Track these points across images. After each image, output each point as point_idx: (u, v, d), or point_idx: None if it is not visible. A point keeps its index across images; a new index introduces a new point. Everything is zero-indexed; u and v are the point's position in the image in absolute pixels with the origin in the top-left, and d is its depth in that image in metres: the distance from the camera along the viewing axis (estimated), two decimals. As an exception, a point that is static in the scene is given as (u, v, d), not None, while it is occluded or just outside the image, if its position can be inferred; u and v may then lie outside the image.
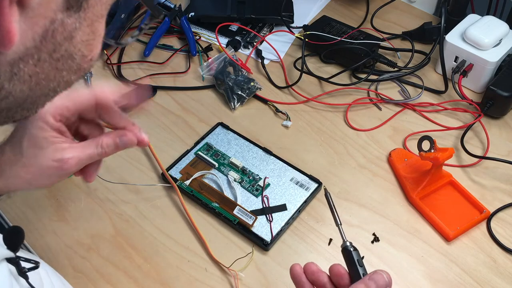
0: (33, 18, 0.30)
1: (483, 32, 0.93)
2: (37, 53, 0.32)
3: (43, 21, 0.31)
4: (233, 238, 0.77)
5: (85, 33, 0.35)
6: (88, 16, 0.34)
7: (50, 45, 0.33)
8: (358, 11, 1.13)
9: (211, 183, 0.82)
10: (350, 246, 0.57)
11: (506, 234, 0.78)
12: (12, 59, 0.31)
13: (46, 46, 0.33)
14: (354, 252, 0.56)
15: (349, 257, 0.56)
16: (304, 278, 0.56)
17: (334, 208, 0.59)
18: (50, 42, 0.33)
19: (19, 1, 0.29)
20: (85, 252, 0.74)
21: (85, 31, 0.34)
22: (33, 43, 0.32)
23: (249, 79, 0.96)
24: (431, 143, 0.79)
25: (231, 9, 1.09)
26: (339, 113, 0.94)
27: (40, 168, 0.57)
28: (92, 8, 0.34)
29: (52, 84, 0.35)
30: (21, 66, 0.32)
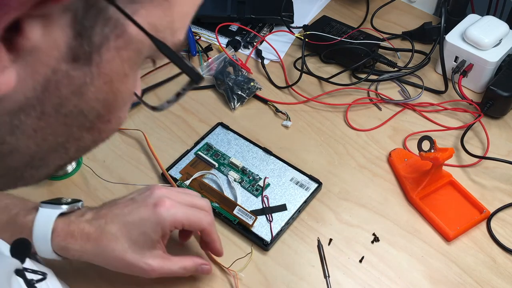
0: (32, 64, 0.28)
1: (483, 32, 0.93)
2: (40, 105, 0.30)
3: (43, 69, 0.28)
4: (233, 238, 0.77)
5: (100, 91, 0.31)
6: (104, 72, 0.31)
7: (55, 98, 0.30)
8: (358, 11, 1.13)
9: (211, 183, 0.82)
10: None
11: (506, 234, 0.78)
12: (12, 109, 0.29)
13: (49, 98, 0.30)
14: None
15: None
16: None
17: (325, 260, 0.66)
18: (54, 95, 0.30)
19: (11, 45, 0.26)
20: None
21: (100, 88, 0.31)
22: (33, 93, 0.29)
23: (249, 79, 0.96)
24: (431, 143, 0.79)
25: (231, 9, 1.09)
26: (339, 113, 0.94)
27: (129, 262, 0.63)
28: (108, 64, 0.30)
29: (60, 139, 0.32)
30: (22, 118, 0.30)
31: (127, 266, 0.64)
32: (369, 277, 0.73)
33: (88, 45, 0.29)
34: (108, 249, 0.63)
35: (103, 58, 0.30)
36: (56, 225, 0.62)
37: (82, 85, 0.30)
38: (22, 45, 0.27)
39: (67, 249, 0.62)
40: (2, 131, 0.30)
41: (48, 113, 0.30)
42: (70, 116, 0.31)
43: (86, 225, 0.63)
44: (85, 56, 0.29)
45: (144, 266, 0.63)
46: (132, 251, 0.63)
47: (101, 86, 0.31)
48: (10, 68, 0.27)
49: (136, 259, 0.63)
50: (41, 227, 0.62)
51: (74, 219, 0.63)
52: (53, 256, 0.62)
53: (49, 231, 0.62)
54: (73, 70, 0.29)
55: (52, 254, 0.62)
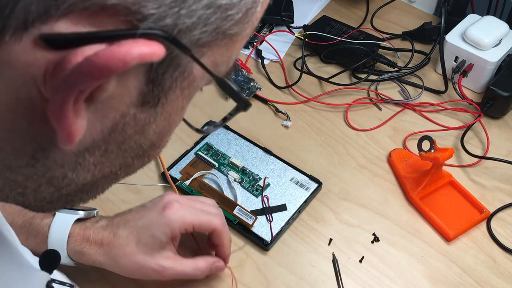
0: (103, 111, 0.28)
1: (483, 32, 0.93)
2: (105, 144, 0.31)
3: (113, 115, 0.29)
4: (233, 238, 0.76)
5: (159, 126, 0.33)
6: (167, 110, 0.32)
7: (120, 138, 0.31)
8: (358, 11, 1.13)
9: (211, 183, 0.82)
10: None
11: (506, 234, 0.78)
12: (78, 151, 0.30)
13: (115, 138, 0.31)
14: None
15: None
16: None
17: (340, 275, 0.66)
18: (119, 135, 0.31)
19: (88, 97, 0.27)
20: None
21: (160, 124, 0.32)
22: (101, 135, 0.30)
23: (249, 79, 0.96)
24: (431, 143, 0.79)
25: (231, 9, 1.09)
26: (339, 113, 0.94)
27: (140, 264, 0.63)
28: (172, 103, 0.32)
29: (114, 169, 0.34)
30: (87, 157, 0.31)
31: (138, 268, 0.64)
32: (369, 277, 0.73)
33: (158, 89, 0.30)
34: (120, 253, 0.63)
35: (168, 99, 0.31)
36: (73, 230, 0.63)
37: (145, 124, 0.31)
38: (99, 96, 0.27)
39: (81, 254, 0.63)
40: (65, 168, 0.31)
41: (111, 150, 0.31)
42: (129, 151, 0.33)
43: (101, 231, 0.64)
44: (153, 99, 0.30)
45: (155, 266, 0.63)
46: (142, 253, 0.63)
47: (161, 122, 0.32)
48: (84, 115, 0.27)
49: (146, 261, 0.63)
50: (58, 231, 0.63)
51: (90, 225, 0.65)
52: (66, 261, 0.63)
53: (66, 236, 0.63)
54: (140, 113, 0.30)
55: (67, 259, 0.63)
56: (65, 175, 0.31)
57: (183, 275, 0.65)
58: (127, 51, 0.25)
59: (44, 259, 0.50)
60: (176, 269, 0.64)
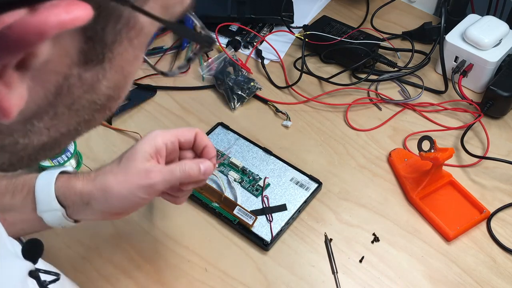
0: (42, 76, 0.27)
1: (483, 32, 0.93)
2: (52, 109, 0.30)
3: (55, 78, 0.28)
4: (233, 238, 0.77)
5: (112, 80, 0.31)
6: (116, 64, 0.30)
7: (68, 100, 0.30)
8: (358, 11, 1.13)
9: (211, 183, 0.82)
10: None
11: (506, 234, 0.78)
12: (24, 119, 0.29)
13: (62, 101, 0.30)
14: None
15: None
16: None
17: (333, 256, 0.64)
18: (67, 97, 0.30)
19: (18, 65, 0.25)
20: (85, 252, 0.74)
21: (112, 78, 0.31)
22: (46, 101, 0.29)
23: (249, 79, 0.96)
24: (431, 143, 0.79)
25: (231, 9, 1.09)
26: (339, 113, 0.94)
27: (127, 176, 0.61)
28: (120, 56, 0.30)
29: (72, 127, 0.33)
30: (36, 123, 0.30)
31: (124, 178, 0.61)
32: (369, 277, 0.73)
33: (100, 45, 0.28)
34: (107, 175, 0.62)
35: (115, 52, 0.29)
36: (59, 177, 0.62)
37: (94, 82, 0.30)
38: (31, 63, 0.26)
39: (69, 189, 0.61)
40: (15, 136, 0.30)
41: (61, 113, 0.30)
42: (82, 110, 0.31)
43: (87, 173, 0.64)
44: (97, 56, 0.29)
45: (141, 169, 0.61)
46: (127, 162, 0.62)
47: (113, 76, 0.31)
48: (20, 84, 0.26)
49: (131, 167, 0.61)
50: (45, 177, 0.62)
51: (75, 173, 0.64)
52: (54, 206, 0.60)
53: (54, 176, 0.61)
54: (85, 72, 0.29)
55: (54, 203, 0.60)
56: (17, 141, 0.30)
57: (173, 179, 0.62)
58: (43, 21, 0.23)
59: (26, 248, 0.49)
60: (164, 172, 0.61)
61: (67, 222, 0.62)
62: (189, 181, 0.64)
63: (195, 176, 0.63)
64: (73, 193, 0.61)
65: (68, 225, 0.63)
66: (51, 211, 0.61)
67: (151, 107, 0.94)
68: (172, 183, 0.62)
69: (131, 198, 0.61)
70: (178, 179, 0.62)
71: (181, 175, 0.62)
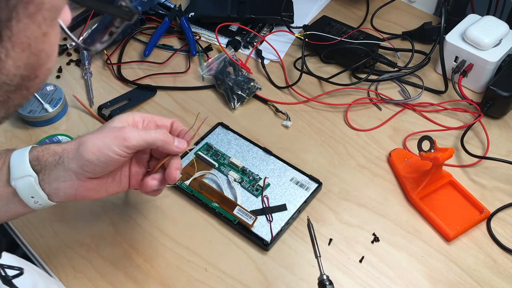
0: None
1: (483, 32, 0.93)
2: None
3: None
4: (233, 238, 0.77)
5: (19, 59, 0.30)
6: (20, 42, 0.29)
7: None
8: (358, 11, 1.13)
9: (211, 183, 0.82)
10: (326, 280, 0.60)
11: (506, 234, 0.78)
12: None
13: None
14: (328, 286, 0.59)
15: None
16: None
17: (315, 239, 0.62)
18: None
19: None
20: (85, 252, 0.74)
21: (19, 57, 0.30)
22: None
23: (249, 79, 0.96)
24: (431, 143, 0.79)
25: (231, 9, 1.09)
26: (339, 113, 0.94)
27: (103, 131, 0.61)
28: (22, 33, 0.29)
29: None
30: None
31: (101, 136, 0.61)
32: (369, 277, 0.73)
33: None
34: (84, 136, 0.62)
35: (14, 30, 0.28)
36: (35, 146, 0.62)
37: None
38: None
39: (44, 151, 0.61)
40: None
41: None
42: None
43: None
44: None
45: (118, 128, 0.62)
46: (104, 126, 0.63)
47: (19, 54, 0.30)
48: None
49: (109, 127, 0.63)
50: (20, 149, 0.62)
51: None
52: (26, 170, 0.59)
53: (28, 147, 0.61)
54: None
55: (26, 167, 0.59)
56: None
57: (147, 137, 0.62)
58: None
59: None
60: (139, 130, 0.63)
61: (39, 193, 0.60)
62: (162, 147, 0.64)
63: (169, 142, 0.64)
64: (47, 152, 0.61)
65: (40, 198, 0.60)
66: (23, 177, 0.59)
67: (151, 107, 0.94)
68: (146, 142, 0.62)
69: (104, 150, 0.60)
70: (153, 139, 0.62)
71: (156, 136, 0.63)
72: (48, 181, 0.60)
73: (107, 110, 0.92)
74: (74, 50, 1.04)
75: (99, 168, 0.61)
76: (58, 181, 0.60)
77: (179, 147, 0.65)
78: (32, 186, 0.59)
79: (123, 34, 1.05)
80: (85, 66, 1.00)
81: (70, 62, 1.02)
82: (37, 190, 0.60)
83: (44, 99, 0.91)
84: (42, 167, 0.60)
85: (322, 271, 0.60)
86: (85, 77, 0.98)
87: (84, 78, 0.99)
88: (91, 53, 1.01)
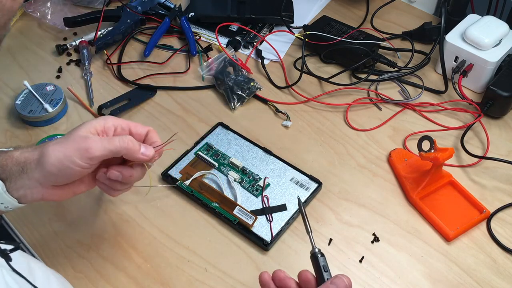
0: None
1: (483, 32, 0.93)
2: None
3: None
4: (233, 238, 0.77)
5: None
6: None
7: None
8: (358, 11, 1.13)
9: (211, 183, 0.82)
10: (318, 252, 0.59)
11: (506, 234, 0.78)
12: None
13: None
14: (320, 258, 0.59)
15: (316, 262, 0.59)
16: (272, 286, 0.59)
17: (306, 216, 0.62)
18: None
19: None
20: (85, 252, 0.74)
21: None
22: None
23: (249, 79, 0.96)
24: (431, 143, 0.79)
25: (231, 9, 1.09)
26: (339, 113, 0.94)
27: (66, 141, 0.60)
28: None
29: None
30: None
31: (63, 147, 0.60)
32: (369, 277, 0.73)
33: None
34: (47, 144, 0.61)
35: None
36: None
37: None
38: None
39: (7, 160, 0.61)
40: None
41: None
42: None
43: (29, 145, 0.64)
44: None
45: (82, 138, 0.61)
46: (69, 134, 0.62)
47: None
48: None
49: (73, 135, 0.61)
50: None
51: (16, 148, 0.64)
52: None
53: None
54: None
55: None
56: None
57: (111, 146, 0.61)
58: None
59: None
60: (102, 140, 0.61)
61: (7, 199, 0.61)
62: (127, 155, 0.63)
63: (135, 150, 0.63)
64: (10, 161, 0.61)
65: (11, 204, 0.61)
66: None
67: (151, 107, 0.94)
68: (110, 151, 0.61)
69: (65, 163, 0.60)
70: (117, 148, 0.61)
71: (120, 145, 0.62)
72: (15, 188, 0.61)
73: (107, 110, 0.92)
74: (74, 50, 1.05)
75: (62, 179, 0.62)
76: (24, 188, 0.61)
77: (145, 154, 0.64)
78: (0, 193, 0.60)
79: (123, 34, 1.05)
80: (85, 66, 1.00)
81: (70, 62, 1.02)
82: (5, 197, 0.61)
83: (44, 99, 0.91)
84: (7, 175, 0.61)
85: (314, 245, 0.61)
86: (85, 77, 0.98)
87: (84, 78, 0.99)
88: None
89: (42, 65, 1.02)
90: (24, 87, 0.93)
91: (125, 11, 1.06)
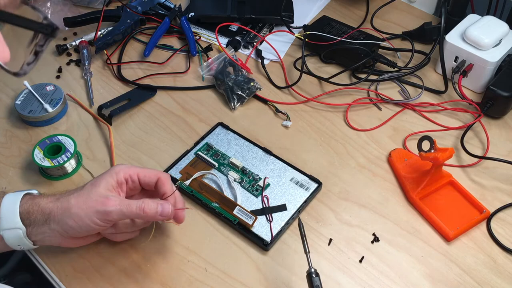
0: None
1: (483, 32, 0.93)
2: None
3: None
4: (233, 238, 0.77)
5: None
6: None
7: None
8: (358, 11, 1.13)
9: (211, 183, 0.82)
10: (314, 272, 0.65)
11: (506, 234, 0.78)
12: None
13: None
14: (314, 278, 0.64)
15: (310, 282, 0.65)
16: None
17: (305, 237, 0.67)
18: None
19: None
20: (85, 252, 0.74)
21: None
22: None
23: (249, 79, 0.96)
24: (431, 143, 0.79)
25: (231, 9, 1.09)
26: (339, 113, 0.94)
27: (87, 199, 0.64)
28: None
29: None
30: None
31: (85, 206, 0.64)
32: (369, 277, 0.73)
33: None
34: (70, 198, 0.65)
35: None
36: (25, 196, 0.65)
37: None
38: None
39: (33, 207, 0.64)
40: None
41: None
42: None
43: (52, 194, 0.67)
44: None
45: (102, 198, 0.65)
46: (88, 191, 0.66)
47: None
48: None
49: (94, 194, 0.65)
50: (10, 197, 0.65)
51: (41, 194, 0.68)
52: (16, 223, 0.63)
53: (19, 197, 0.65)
54: None
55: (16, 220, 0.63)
56: None
57: (128, 212, 0.65)
58: None
59: None
60: (122, 203, 0.65)
61: (25, 243, 0.65)
62: (143, 219, 0.68)
63: (151, 215, 0.67)
64: (36, 209, 0.65)
65: (26, 245, 0.66)
66: (12, 229, 0.64)
67: (151, 107, 0.94)
68: (127, 216, 0.66)
69: (86, 221, 0.64)
70: (134, 214, 0.66)
71: (137, 211, 0.66)
72: (35, 234, 0.65)
73: (107, 110, 0.92)
74: (74, 50, 1.05)
75: (81, 233, 0.67)
76: (43, 235, 0.66)
77: (163, 215, 0.68)
78: (20, 237, 0.64)
79: (123, 34, 1.05)
80: (85, 66, 1.00)
81: (70, 62, 1.02)
82: (24, 241, 0.65)
83: (44, 99, 0.91)
84: (31, 222, 0.65)
85: (311, 264, 0.65)
86: (85, 77, 0.98)
87: (84, 78, 0.99)
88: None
89: (42, 65, 1.02)
90: (24, 87, 0.93)
91: (125, 11, 1.06)
